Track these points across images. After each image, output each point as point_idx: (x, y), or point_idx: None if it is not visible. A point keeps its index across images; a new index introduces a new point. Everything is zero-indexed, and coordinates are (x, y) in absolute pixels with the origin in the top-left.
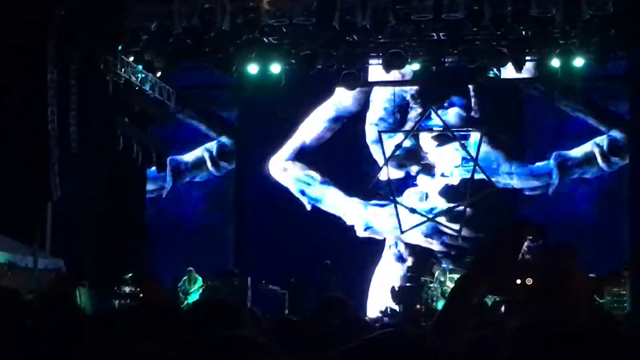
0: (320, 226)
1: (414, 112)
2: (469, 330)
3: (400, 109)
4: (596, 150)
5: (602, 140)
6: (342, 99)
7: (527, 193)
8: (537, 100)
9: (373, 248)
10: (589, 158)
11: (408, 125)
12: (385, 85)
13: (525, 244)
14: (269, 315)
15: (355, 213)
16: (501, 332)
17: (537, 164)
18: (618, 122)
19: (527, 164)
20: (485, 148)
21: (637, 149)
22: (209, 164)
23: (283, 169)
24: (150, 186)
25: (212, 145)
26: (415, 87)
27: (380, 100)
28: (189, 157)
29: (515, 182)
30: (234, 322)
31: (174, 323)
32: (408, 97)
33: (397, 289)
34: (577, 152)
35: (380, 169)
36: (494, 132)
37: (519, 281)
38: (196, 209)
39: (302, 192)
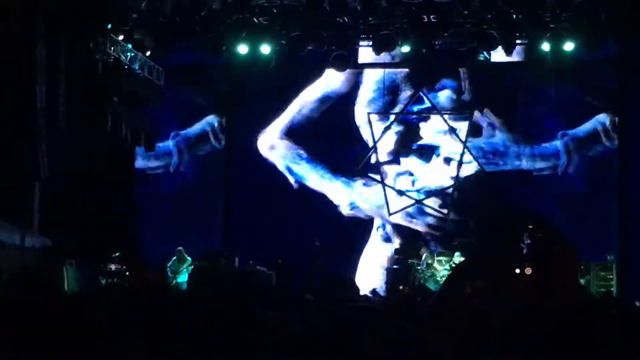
0: (307, 206)
1: (405, 94)
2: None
3: (390, 91)
4: (599, 128)
5: (604, 117)
6: (332, 79)
7: (535, 174)
8: (529, 83)
9: (360, 229)
10: (595, 135)
11: (398, 108)
12: (375, 67)
13: (526, 235)
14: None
15: (342, 193)
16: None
17: (544, 144)
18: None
19: (534, 145)
20: (490, 132)
21: (627, 132)
22: (211, 137)
23: (271, 146)
24: (155, 163)
25: (213, 118)
26: (405, 70)
27: (371, 82)
28: (192, 130)
29: (525, 164)
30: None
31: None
32: (398, 80)
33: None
34: (582, 129)
35: (370, 150)
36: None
37: (517, 270)
38: (187, 189)
39: (289, 170)
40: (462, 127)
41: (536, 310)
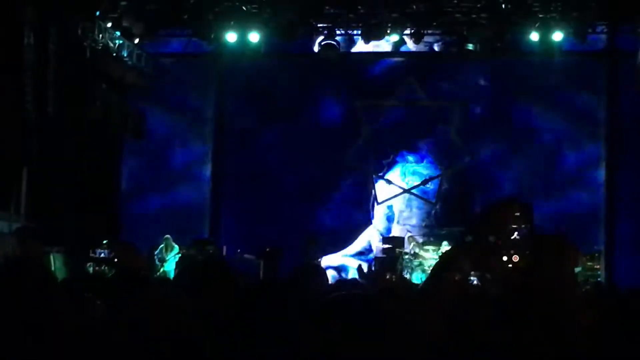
0: (295, 193)
1: (392, 83)
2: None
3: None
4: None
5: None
6: None
7: None
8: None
9: (349, 218)
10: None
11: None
12: (364, 56)
13: (514, 226)
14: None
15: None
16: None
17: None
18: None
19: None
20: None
21: (614, 124)
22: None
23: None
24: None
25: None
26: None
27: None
28: None
29: None
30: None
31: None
32: (387, 67)
33: (368, 263)
34: None
35: (358, 139)
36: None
37: (505, 258)
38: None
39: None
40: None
41: (527, 296)
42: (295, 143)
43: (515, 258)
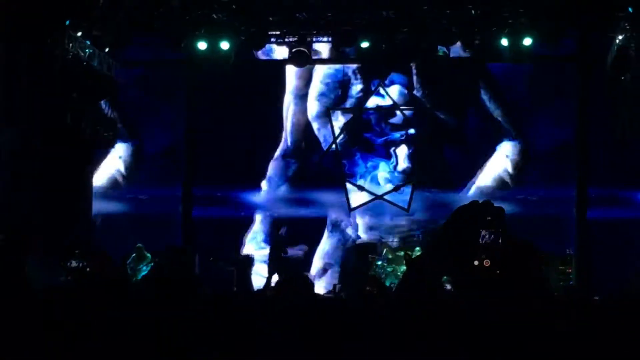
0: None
1: (355, 89)
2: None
3: (341, 85)
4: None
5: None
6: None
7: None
8: (477, 82)
9: (318, 223)
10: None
11: (349, 102)
12: (332, 63)
13: (484, 233)
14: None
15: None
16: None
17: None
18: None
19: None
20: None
21: (586, 127)
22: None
23: None
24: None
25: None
26: (356, 64)
27: (321, 76)
28: None
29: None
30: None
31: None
32: (350, 73)
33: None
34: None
35: (330, 146)
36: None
37: (476, 262)
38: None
39: None
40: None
41: (500, 302)
42: (265, 150)
43: (487, 263)
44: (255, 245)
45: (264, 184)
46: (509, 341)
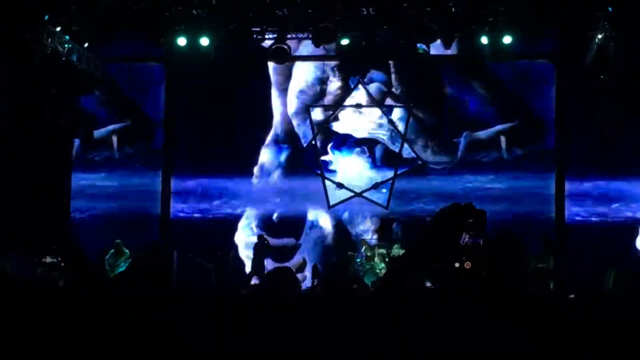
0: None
1: (334, 86)
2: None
3: (320, 82)
4: (502, 138)
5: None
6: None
7: (432, 167)
8: (457, 79)
9: (296, 220)
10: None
11: (327, 99)
12: (312, 60)
13: (465, 235)
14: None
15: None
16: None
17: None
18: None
19: (446, 140)
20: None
21: (564, 125)
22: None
23: None
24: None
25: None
26: (335, 61)
27: (301, 72)
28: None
29: (427, 156)
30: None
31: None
32: (328, 70)
33: (320, 265)
34: (482, 134)
35: (309, 143)
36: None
37: (457, 264)
38: (125, 181)
39: None
40: (394, 119)
41: (482, 302)
42: (246, 146)
43: (467, 265)
44: (248, 232)
45: (256, 170)
46: (488, 338)
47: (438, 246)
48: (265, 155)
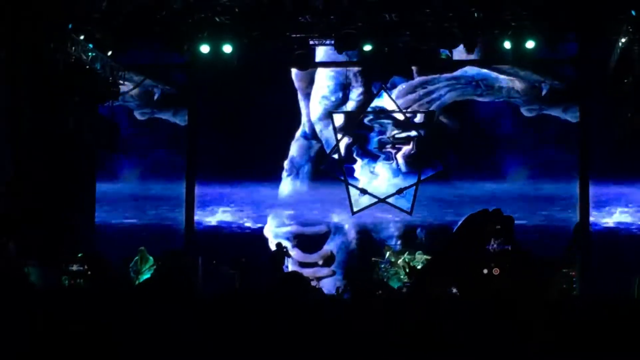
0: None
1: (356, 91)
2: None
3: (342, 88)
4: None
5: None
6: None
7: (456, 172)
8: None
9: (321, 227)
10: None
11: (350, 104)
12: (334, 66)
13: (494, 242)
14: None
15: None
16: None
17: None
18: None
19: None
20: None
21: (588, 128)
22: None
23: None
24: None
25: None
26: (357, 67)
27: (323, 78)
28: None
29: (451, 161)
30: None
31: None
32: (351, 76)
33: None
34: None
35: (332, 149)
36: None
37: (485, 270)
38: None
39: None
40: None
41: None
42: (270, 154)
43: (496, 271)
44: (277, 221)
45: (286, 164)
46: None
47: (466, 252)
48: (295, 149)
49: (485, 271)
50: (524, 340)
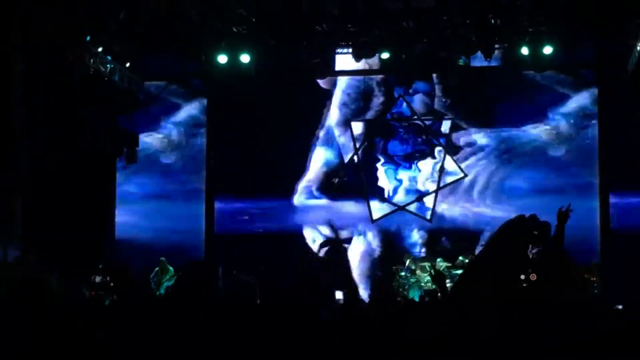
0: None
1: (378, 100)
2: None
3: (364, 96)
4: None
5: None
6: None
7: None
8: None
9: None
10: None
11: (370, 113)
12: (353, 75)
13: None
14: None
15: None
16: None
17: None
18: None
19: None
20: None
21: (606, 131)
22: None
23: None
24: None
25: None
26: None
27: (344, 86)
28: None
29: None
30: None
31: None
32: (373, 85)
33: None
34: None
35: (350, 157)
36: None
37: (522, 277)
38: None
39: None
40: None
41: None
42: (289, 163)
43: (533, 277)
44: (305, 195)
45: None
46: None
47: (503, 258)
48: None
49: (523, 277)
50: (545, 342)
